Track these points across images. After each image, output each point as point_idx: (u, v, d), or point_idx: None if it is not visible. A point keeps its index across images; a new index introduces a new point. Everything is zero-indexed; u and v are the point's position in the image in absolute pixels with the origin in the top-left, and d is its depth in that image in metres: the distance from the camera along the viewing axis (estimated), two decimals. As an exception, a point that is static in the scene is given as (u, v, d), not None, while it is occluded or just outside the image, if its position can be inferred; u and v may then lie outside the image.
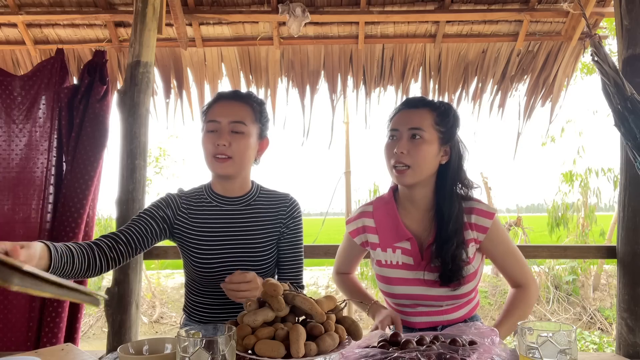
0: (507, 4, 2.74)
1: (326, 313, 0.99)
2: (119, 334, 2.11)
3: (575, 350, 0.88)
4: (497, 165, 20.74)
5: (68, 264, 1.19)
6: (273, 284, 0.99)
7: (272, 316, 0.97)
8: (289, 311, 1.00)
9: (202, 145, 1.48)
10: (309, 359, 0.91)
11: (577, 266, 7.00)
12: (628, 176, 2.15)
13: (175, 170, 8.62)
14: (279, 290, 0.98)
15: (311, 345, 0.92)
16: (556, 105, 2.99)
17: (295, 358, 0.90)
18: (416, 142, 1.42)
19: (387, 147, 1.48)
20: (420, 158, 1.42)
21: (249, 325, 0.95)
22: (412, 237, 1.49)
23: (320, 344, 0.93)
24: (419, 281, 1.47)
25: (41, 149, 2.68)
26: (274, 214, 1.55)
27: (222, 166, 1.45)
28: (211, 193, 1.54)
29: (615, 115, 1.54)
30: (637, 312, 2.10)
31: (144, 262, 2.34)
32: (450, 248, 1.41)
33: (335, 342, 0.95)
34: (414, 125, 1.43)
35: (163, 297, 7.42)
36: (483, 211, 1.48)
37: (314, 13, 2.71)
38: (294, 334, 0.92)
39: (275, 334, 0.95)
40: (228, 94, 1.53)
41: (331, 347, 0.94)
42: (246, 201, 1.54)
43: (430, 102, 1.50)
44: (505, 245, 1.50)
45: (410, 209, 1.53)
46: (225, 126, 1.44)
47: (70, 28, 2.85)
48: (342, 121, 4.58)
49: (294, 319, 1.02)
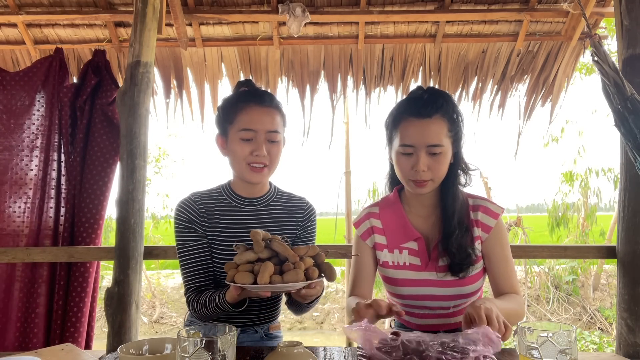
0: (507, 4, 2.74)
1: (304, 258, 1.18)
2: (119, 334, 2.10)
3: (575, 350, 0.88)
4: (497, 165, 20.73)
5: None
6: (255, 232, 1.21)
7: (254, 257, 1.19)
8: (270, 254, 1.20)
9: (233, 151, 1.46)
10: (271, 285, 1.12)
11: (577, 266, 7.00)
12: (628, 176, 2.15)
13: (175, 170, 8.62)
14: (258, 236, 1.20)
15: (276, 277, 1.13)
16: (556, 105, 2.99)
17: (259, 284, 1.13)
18: (436, 158, 1.39)
19: (402, 163, 1.42)
20: (442, 171, 1.42)
21: (235, 262, 1.19)
22: (420, 237, 1.48)
23: (284, 277, 1.14)
24: (426, 282, 1.47)
25: (33, 147, 2.65)
26: (291, 216, 1.58)
27: (260, 175, 1.47)
28: (231, 194, 1.55)
29: (615, 116, 1.54)
30: (637, 312, 2.10)
31: (144, 262, 2.34)
32: (456, 237, 1.42)
33: (299, 277, 1.13)
34: (433, 143, 1.38)
35: (163, 297, 7.42)
36: (490, 210, 1.48)
37: (314, 13, 2.71)
38: (263, 267, 1.14)
39: (253, 269, 1.17)
40: (261, 100, 1.48)
41: (293, 280, 1.13)
42: (265, 202, 1.56)
43: (441, 106, 1.40)
44: (503, 249, 1.48)
45: (417, 208, 1.53)
46: (262, 135, 1.44)
47: (70, 28, 2.85)
48: (342, 121, 4.58)
49: (276, 260, 1.21)
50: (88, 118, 2.67)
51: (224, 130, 1.51)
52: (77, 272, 2.59)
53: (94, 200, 2.62)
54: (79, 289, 2.57)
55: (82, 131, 2.66)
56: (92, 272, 2.61)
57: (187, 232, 1.49)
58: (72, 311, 2.56)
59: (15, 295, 2.56)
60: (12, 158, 2.65)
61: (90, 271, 2.60)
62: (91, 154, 2.65)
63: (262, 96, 1.49)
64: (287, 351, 1.00)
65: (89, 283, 2.59)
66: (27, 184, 2.63)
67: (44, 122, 2.67)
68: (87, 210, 2.61)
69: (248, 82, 1.59)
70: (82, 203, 2.62)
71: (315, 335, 6.70)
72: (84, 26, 2.85)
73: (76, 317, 2.56)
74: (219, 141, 1.54)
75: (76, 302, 2.56)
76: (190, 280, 1.48)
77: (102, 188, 2.64)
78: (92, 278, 2.61)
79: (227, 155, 1.52)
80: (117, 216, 2.19)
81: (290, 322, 6.89)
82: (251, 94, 1.50)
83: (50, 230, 2.62)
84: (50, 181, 2.65)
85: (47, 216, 2.62)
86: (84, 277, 2.58)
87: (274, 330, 1.60)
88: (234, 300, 1.31)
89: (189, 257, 1.48)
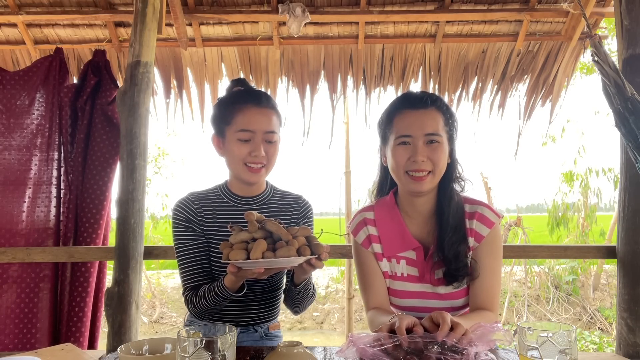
0: (507, 4, 2.74)
1: (296, 237, 1.21)
2: (119, 334, 2.10)
3: (575, 350, 0.88)
4: (497, 165, 20.74)
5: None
6: (250, 212, 1.24)
7: (249, 236, 1.21)
8: (264, 235, 1.22)
9: (231, 152, 1.47)
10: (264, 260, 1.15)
11: (577, 266, 6.99)
12: (628, 176, 2.16)
13: (174, 169, 8.61)
14: (252, 216, 1.23)
15: (269, 254, 1.17)
16: (556, 105, 2.99)
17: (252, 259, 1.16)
18: (434, 147, 1.35)
19: (399, 154, 1.37)
20: (441, 163, 1.36)
21: (230, 241, 1.23)
22: (419, 247, 1.42)
23: (276, 253, 1.17)
24: (423, 294, 1.43)
25: (33, 146, 2.66)
26: (288, 213, 1.58)
27: (257, 175, 1.48)
28: (228, 193, 1.55)
29: (615, 116, 1.54)
30: (637, 312, 2.10)
31: (144, 262, 2.34)
32: (452, 243, 1.36)
33: (291, 252, 1.16)
34: (431, 131, 1.35)
35: (163, 297, 7.42)
36: (485, 218, 1.41)
37: (314, 13, 2.71)
38: (255, 244, 1.18)
39: (247, 247, 1.20)
40: (258, 100, 1.47)
41: (285, 255, 1.16)
42: (262, 200, 1.57)
43: (436, 99, 1.40)
44: (491, 260, 1.39)
45: (414, 215, 1.46)
46: (259, 136, 1.45)
47: (70, 28, 2.85)
48: (342, 121, 4.58)
49: (270, 240, 1.23)
50: (89, 118, 2.67)
51: (220, 131, 1.51)
52: (78, 272, 2.59)
53: (95, 200, 2.63)
54: (80, 288, 2.58)
55: (82, 131, 2.66)
56: (93, 272, 2.61)
57: (185, 232, 1.50)
58: (74, 311, 2.57)
59: (18, 295, 2.57)
60: (12, 157, 2.65)
61: (92, 271, 2.61)
62: (92, 154, 2.66)
63: (259, 97, 1.49)
64: (287, 351, 1.00)
65: (90, 283, 2.60)
66: (27, 184, 2.63)
67: (43, 121, 2.67)
68: (89, 210, 2.62)
69: (242, 81, 1.58)
70: (84, 203, 2.62)
71: (315, 335, 6.70)
72: (84, 26, 2.85)
73: (78, 317, 2.57)
74: (215, 141, 1.54)
75: (77, 302, 2.57)
76: (188, 279, 1.48)
77: (103, 188, 2.64)
78: (93, 278, 2.61)
79: (224, 155, 1.52)
80: (117, 216, 2.19)
81: (290, 322, 6.89)
82: (248, 94, 1.50)
83: (51, 230, 2.62)
84: (51, 181, 2.65)
85: (47, 216, 2.62)
86: (85, 277, 2.59)
87: (274, 329, 1.60)
88: (232, 283, 1.32)
89: (186, 256, 1.49)
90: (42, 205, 2.62)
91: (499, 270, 1.42)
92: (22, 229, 2.60)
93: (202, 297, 1.40)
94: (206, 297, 1.39)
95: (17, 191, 2.62)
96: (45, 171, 2.64)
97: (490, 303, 1.37)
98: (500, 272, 1.43)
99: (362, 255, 1.50)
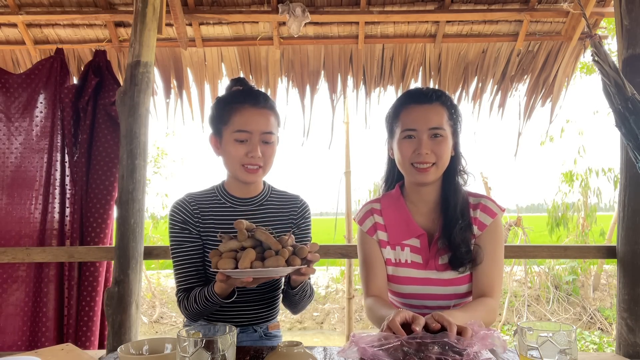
0: (507, 4, 2.74)
1: (285, 247, 1.21)
2: (119, 334, 2.10)
3: (575, 350, 0.88)
4: (497, 165, 20.74)
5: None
6: (240, 221, 1.23)
7: (238, 245, 1.21)
8: (253, 243, 1.22)
9: (228, 152, 1.46)
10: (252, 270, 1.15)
11: (577, 266, 6.99)
12: (628, 176, 2.16)
13: (174, 170, 8.61)
14: (242, 225, 1.22)
15: (257, 263, 1.17)
16: (556, 105, 2.99)
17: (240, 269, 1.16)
18: (438, 141, 1.42)
19: (404, 147, 1.44)
20: (445, 155, 1.43)
21: (219, 250, 1.23)
22: (424, 233, 1.48)
23: (265, 263, 1.17)
24: (427, 280, 1.47)
25: (37, 148, 2.67)
26: (286, 214, 1.58)
27: (254, 176, 1.47)
28: (225, 194, 1.55)
29: (616, 116, 1.54)
30: (637, 312, 2.10)
31: (144, 262, 2.34)
32: (459, 229, 1.41)
33: (280, 262, 1.16)
34: (435, 125, 1.42)
35: (163, 297, 7.42)
36: (488, 208, 1.47)
37: (314, 13, 2.71)
38: (244, 254, 1.17)
39: (236, 256, 1.20)
40: (256, 101, 1.47)
41: (274, 265, 1.15)
42: (259, 201, 1.56)
43: (440, 95, 1.47)
44: (493, 248, 1.45)
45: (419, 204, 1.52)
46: (256, 136, 1.44)
47: (70, 28, 2.85)
48: (342, 121, 4.58)
49: (260, 249, 1.23)
50: (91, 118, 2.68)
51: (217, 131, 1.50)
52: (87, 271, 2.61)
53: (101, 200, 2.63)
54: (89, 288, 2.59)
55: (85, 132, 2.66)
56: (102, 272, 2.63)
57: (181, 233, 1.50)
58: (84, 310, 2.58)
59: (26, 295, 2.58)
60: (17, 160, 2.66)
61: (100, 270, 2.62)
62: (96, 154, 2.66)
63: (256, 97, 1.48)
64: (287, 351, 1.00)
65: (99, 282, 2.61)
66: (31, 186, 2.65)
67: (46, 123, 2.69)
68: (95, 210, 2.63)
69: (242, 80, 1.58)
70: (90, 203, 2.63)
71: (315, 335, 6.69)
72: (84, 26, 2.85)
73: (88, 317, 2.58)
74: (212, 141, 1.54)
75: (87, 301, 2.59)
76: (182, 280, 1.48)
77: (109, 187, 2.65)
78: (102, 277, 2.63)
79: (221, 155, 1.52)
80: (117, 216, 2.19)
81: (290, 322, 6.88)
82: (245, 94, 1.49)
83: (56, 230, 2.63)
84: (54, 182, 2.66)
85: (52, 217, 2.64)
86: (94, 277, 2.60)
87: (273, 329, 1.60)
88: (221, 290, 1.31)
89: (182, 257, 1.48)
90: (49, 207, 2.63)
91: (500, 258, 1.47)
92: (30, 231, 2.61)
93: (192, 301, 1.40)
94: (197, 301, 1.39)
95: (24, 194, 2.64)
96: (50, 173, 2.65)
97: (491, 289, 1.42)
98: (502, 260, 1.48)
99: (367, 242, 1.55)
